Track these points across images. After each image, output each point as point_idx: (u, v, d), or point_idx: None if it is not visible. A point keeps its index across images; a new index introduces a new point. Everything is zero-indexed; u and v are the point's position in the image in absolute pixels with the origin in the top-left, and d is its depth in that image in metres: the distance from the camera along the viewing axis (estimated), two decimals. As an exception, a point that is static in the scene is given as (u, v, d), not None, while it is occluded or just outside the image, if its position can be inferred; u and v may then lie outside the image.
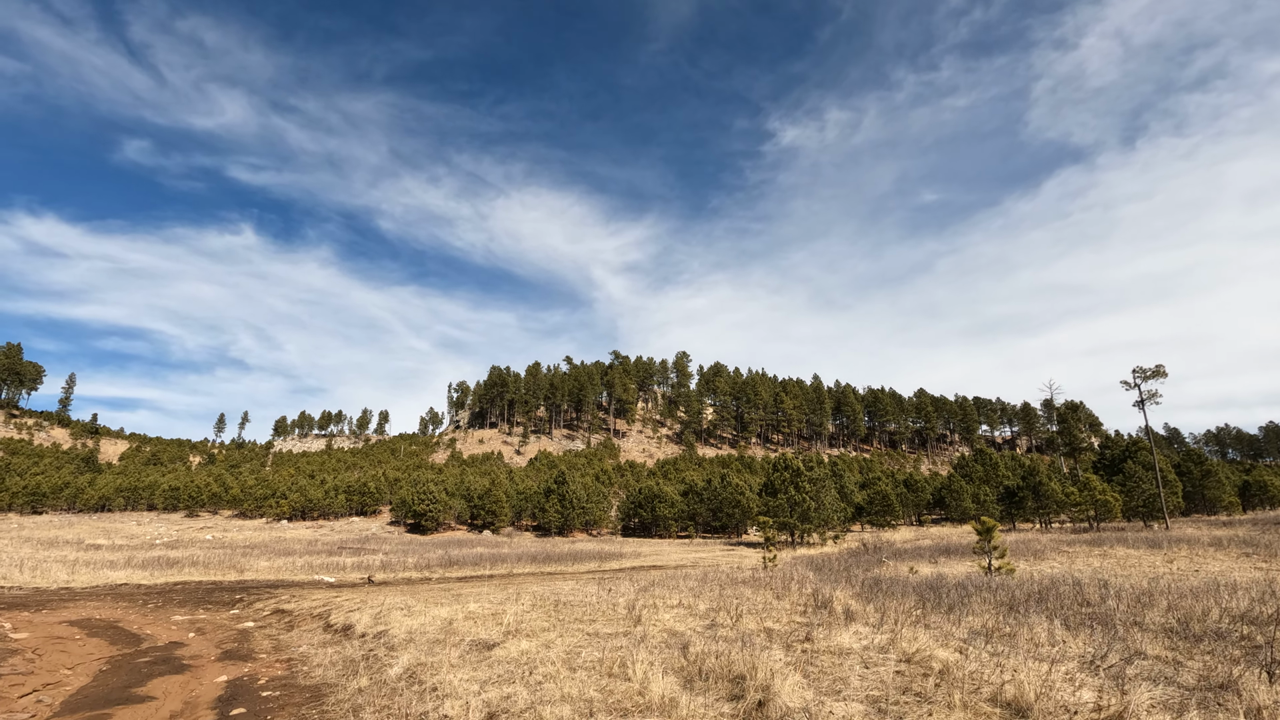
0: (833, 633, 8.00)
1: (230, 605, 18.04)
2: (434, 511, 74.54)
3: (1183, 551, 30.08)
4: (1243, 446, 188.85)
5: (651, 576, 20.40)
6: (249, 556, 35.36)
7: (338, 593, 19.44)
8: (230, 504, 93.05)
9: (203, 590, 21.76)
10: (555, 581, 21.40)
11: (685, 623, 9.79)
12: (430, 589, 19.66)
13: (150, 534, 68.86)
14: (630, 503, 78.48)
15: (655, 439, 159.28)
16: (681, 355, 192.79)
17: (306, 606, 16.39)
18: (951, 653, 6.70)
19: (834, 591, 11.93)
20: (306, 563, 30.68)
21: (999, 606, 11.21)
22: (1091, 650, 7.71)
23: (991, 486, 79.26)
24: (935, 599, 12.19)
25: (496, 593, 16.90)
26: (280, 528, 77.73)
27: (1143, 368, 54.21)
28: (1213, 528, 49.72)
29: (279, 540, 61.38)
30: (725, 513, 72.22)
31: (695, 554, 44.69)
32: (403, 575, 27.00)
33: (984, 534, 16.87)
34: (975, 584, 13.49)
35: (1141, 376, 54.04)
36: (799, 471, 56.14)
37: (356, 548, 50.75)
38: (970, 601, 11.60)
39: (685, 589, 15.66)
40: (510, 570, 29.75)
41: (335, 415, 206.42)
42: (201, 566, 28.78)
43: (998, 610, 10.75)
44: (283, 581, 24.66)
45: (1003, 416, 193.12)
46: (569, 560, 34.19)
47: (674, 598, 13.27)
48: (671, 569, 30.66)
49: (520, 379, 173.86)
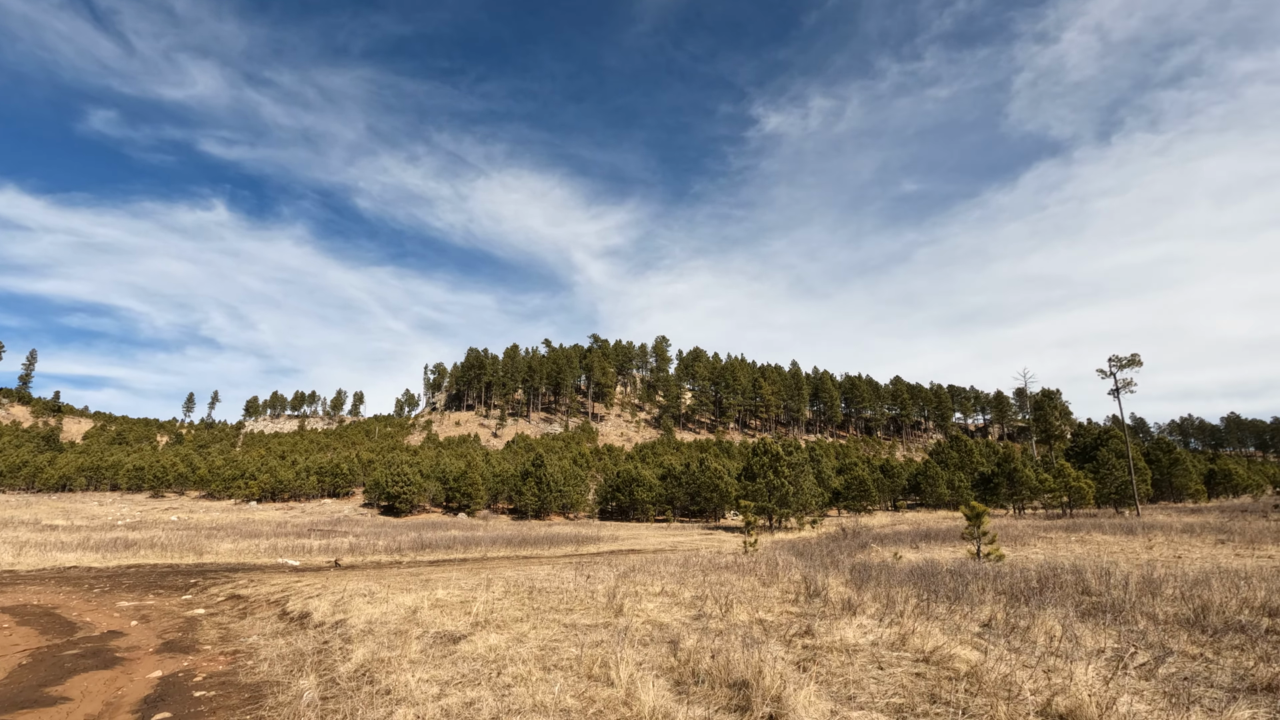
0: (834, 626, 7.29)
1: (183, 590, 16.98)
2: (408, 494, 73.30)
3: (1159, 538, 30.19)
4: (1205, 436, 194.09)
5: (631, 561, 19.70)
6: (212, 538, 34.07)
7: (300, 577, 18.45)
8: (197, 485, 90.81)
9: (157, 574, 20.61)
10: (530, 566, 20.62)
11: (670, 613, 9.04)
12: (398, 573, 18.76)
13: (112, 515, 66.75)
14: (608, 486, 77.92)
15: (634, 423, 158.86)
16: (661, 340, 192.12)
17: (264, 592, 15.40)
18: (970, 650, 6.02)
19: (825, 579, 11.27)
20: (272, 545, 29.53)
21: (1000, 596, 10.63)
22: (1112, 646, 7.10)
23: (966, 473, 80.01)
24: (931, 586, 11.61)
25: (468, 578, 16.06)
26: (249, 509, 75.92)
27: (1119, 356, 54.65)
28: (1181, 514, 50.48)
29: (247, 522, 59.82)
30: (703, 497, 71.98)
31: (673, 538, 44.23)
32: (371, 559, 26.02)
33: (973, 519, 16.39)
34: (971, 572, 12.94)
35: (1118, 365, 54.45)
36: (778, 456, 55.88)
37: (327, 530, 49.51)
38: (969, 590, 11.02)
39: (667, 575, 14.95)
40: (484, 554, 28.90)
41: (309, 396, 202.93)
42: (160, 548, 27.51)
43: (1000, 600, 10.16)
44: (244, 565, 23.55)
45: (976, 405, 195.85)
46: (545, 544, 33.43)
47: (656, 584, 12.54)
48: (650, 553, 30.03)
49: (498, 361, 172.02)
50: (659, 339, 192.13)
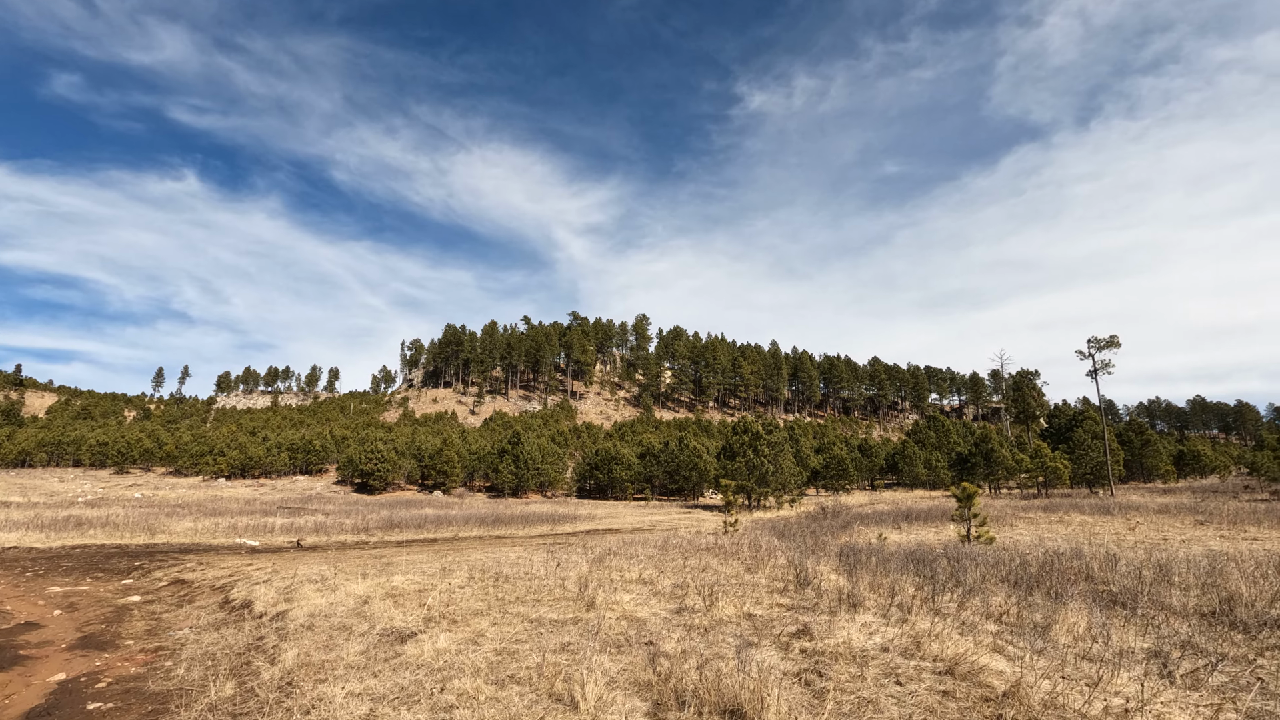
0: (834, 624, 6.42)
1: (125, 573, 15.78)
2: (382, 471, 71.89)
3: (1138, 518, 30.11)
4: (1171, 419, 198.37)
5: (607, 542, 18.85)
6: (173, 517, 32.66)
7: (254, 559, 17.32)
8: (164, 461, 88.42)
9: (102, 555, 19.34)
10: (502, 548, 19.68)
11: (648, 605, 8.13)
12: (361, 556, 17.71)
13: (73, 491, 64.56)
14: (586, 464, 77.16)
15: (613, 401, 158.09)
16: (641, 318, 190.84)
17: (211, 576, 14.29)
18: (998, 659, 5.20)
19: (817, 566, 10.45)
20: (233, 524, 28.25)
21: (1002, 584, 9.89)
22: (1143, 646, 6.33)
23: (943, 453, 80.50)
24: (925, 572, 10.85)
25: (433, 561, 15.08)
26: (217, 486, 74.04)
27: (1097, 338, 54.76)
28: (1154, 495, 51.03)
29: (214, 499, 58.19)
30: (682, 475, 71.54)
31: (652, 516, 43.61)
32: (336, 539, 24.90)
33: (964, 500, 15.73)
34: (968, 556, 12.22)
35: (1096, 346, 54.57)
36: (758, 435, 55.39)
37: (296, 508, 48.14)
38: (968, 577, 10.27)
39: (645, 559, 14.09)
40: (456, 534, 27.91)
41: (282, 371, 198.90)
42: (112, 527, 26.13)
43: (1004, 589, 9.41)
44: (199, 545, 22.33)
45: (952, 386, 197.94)
46: (520, 523, 32.53)
47: (633, 570, 11.65)
48: (628, 533, 29.27)
49: (476, 338, 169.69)
50: (639, 317, 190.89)
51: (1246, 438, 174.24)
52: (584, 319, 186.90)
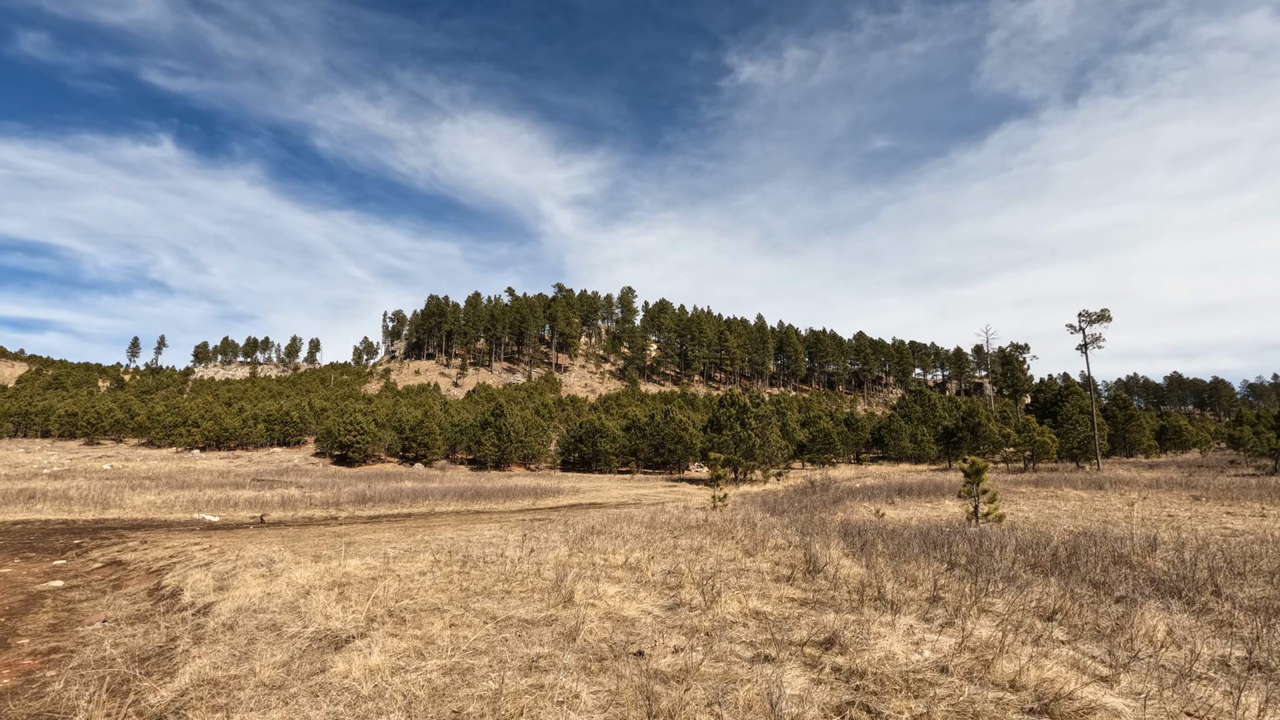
0: (866, 628, 5.24)
1: (60, 553, 14.37)
2: (361, 443, 70.30)
3: (1133, 494, 29.51)
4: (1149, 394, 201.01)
5: (590, 519, 17.68)
6: (135, 490, 31.08)
7: (206, 537, 15.95)
8: (136, 432, 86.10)
9: (42, 532, 17.87)
10: (477, 525, 18.45)
11: (636, 600, 6.91)
12: (322, 534, 16.40)
13: (38, 463, 62.42)
14: (571, 437, 76.05)
15: (598, 374, 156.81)
16: (627, 290, 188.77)
17: (152, 557, 12.94)
18: (1092, 683, 4.04)
19: (826, 550, 9.29)
20: (196, 498, 26.78)
21: (1036, 571, 8.79)
22: (1237, 655, 5.22)
23: (929, 427, 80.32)
24: (942, 555, 9.75)
25: (399, 540, 13.82)
26: (190, 458, 72.10)
27: (1088, 311, 54.09)
28: (1140, 469, 50.88)
29: (185, 471, 56.40)
30: (668, 449, 70.70)
31: (637, 490, 42.65)
32: (304, 514, 23.56)
33: (972, 476, 14.68)
34: (987, 538, 11.13)
35: (1087, 320, 53.92)
36: (745, 408, 54.48)
37: (270, 480, 46.62)
38: (994, 563, 9.17)
39: (631, 538, 12.92)
40: (431, 508, 26.65)
41: (262, 342, 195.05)
42: (64, 501, 24.58)
43: (1042, 578, 8.30)
44: (152, 521, 20.90)
45: (936, 361, 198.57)
46: (500, 497, 31.35)
47: (618, 553, 10.45)
48: (613, 508, 28.20)
49: (460, 309, 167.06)
50: (625, 290, 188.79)
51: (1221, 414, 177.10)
52: (569, 291, 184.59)
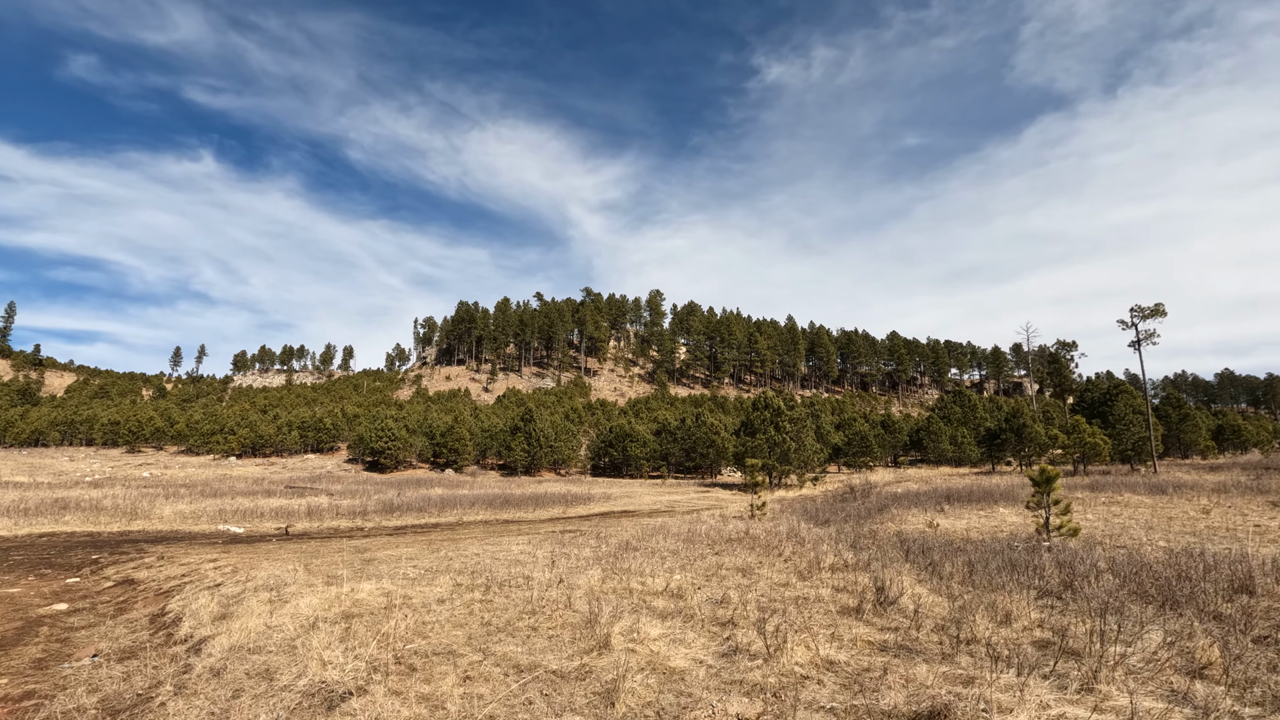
0: (987, 698, 4.14)
1: (76, 569, 13.87)
2: (392, 449, 70.44)
3: (1202, 499, 27.46)
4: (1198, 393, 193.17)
5: (624, 532, 16.68)
6: (169, 499, 31.05)
7: (226, 552, 15.35)
8: (176, 440, 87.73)
9: (65, 546, 17.50)
10: (505, 536, 17.58)
11: (684, 644, 5.89)
12: (343, 548, 15.67)
13: (81, 470, 63.70)
14: (601, 442, 75.25)
15: (627, 378, 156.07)
16: (655, 294, 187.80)
17: (164, 575, 12.31)
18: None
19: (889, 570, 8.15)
20: (224, 507, 26.47)
21: (1142, 600, 7.53)
22: None
23: (969, 428, 77.72)
24: (1028, 580, 8.53)
25: (422, 556, 13.00)
26: (227, 465, 73.05)
27: (1141, 306, 51.46)
28: (1200, 471, 48.11)
29: (221, 478, 56.95)
30: (699, 453, 69.47)
31: (669, 496, 41.56)
32: (329, 524, 22.99)
33: (1042, 484, 13.32)
34: (1070, 556, 9.84)
35: (1140, 315, 51.32)
36: (779, 411, 53.01)
37: (302, 487, 46.65)
38: (1090, 589, 7.93)
39: (668, 554, 11.90)
40: (459, 518, 25.93)
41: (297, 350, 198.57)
42: (94, 511, 24.42)
43: (1148, 607, 7.05)
44: (177, 533, 20.49)
45: (972, 360, 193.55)
46: (530, 505, 30.55)
47: (658, 575, 9.43)
48: (646, 517, 27.18)
49: (489, 315, 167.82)
50: (653, 293, 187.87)
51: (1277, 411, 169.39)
52: (597, 295, 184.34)
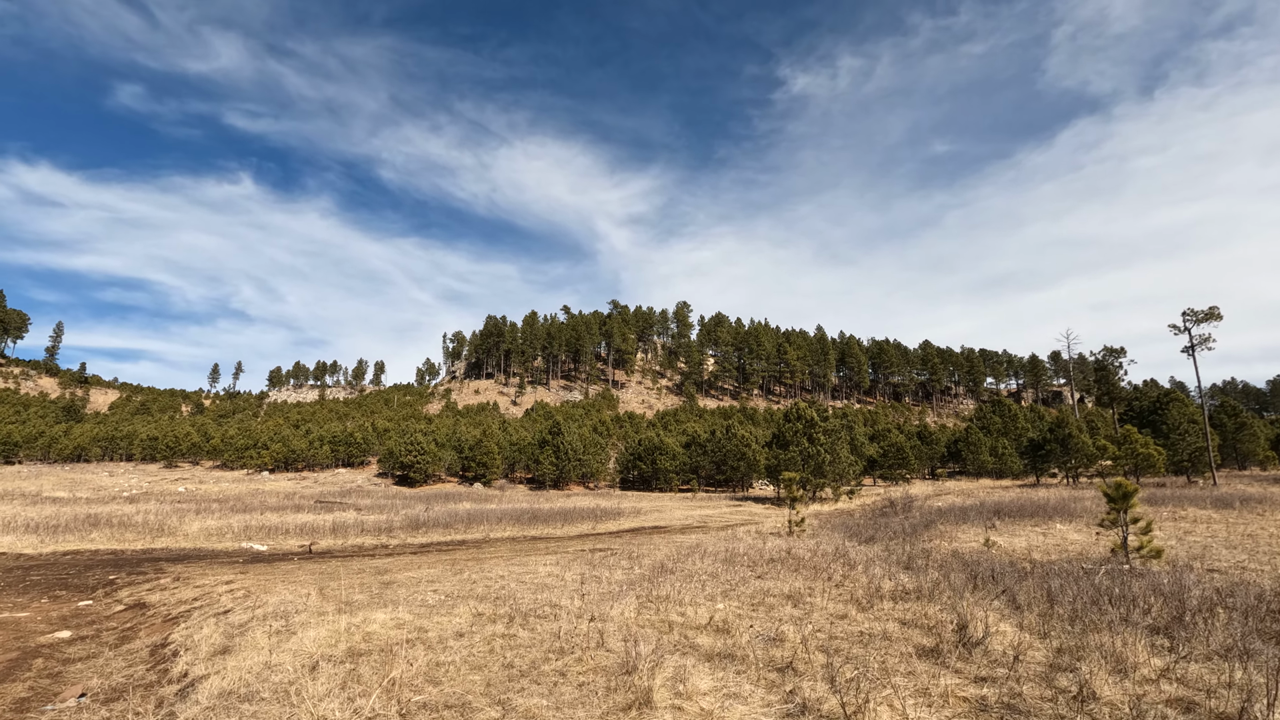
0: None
1: (91, 591, 13.39)
2: (422, 463, 70.38)
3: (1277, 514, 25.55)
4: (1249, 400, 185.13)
5: (657, 551, 15.74)
6: (200, 514, 30.95)
7: (243, 572, 14.77)
8: (211, 454, 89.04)
9: (85, 565, 17.14)
10: (533, 555, 16.76)
11: (741, 698, 4.97)
12: (363, 569, 14.98)
13: (119, 486, 64.72)
14: (629, 454, 74.30)
15: (655, 390, 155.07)
16: (682, 305, 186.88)
17: (176, 599, 11.72)
18: None
19: (975, 608, 7.12)
20: (250, 524, 26.13)
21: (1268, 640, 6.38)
22: None
23: (1010, 439, 75.03)
24: (1122, 611, 7.41)
25: (445, 578, 12.22)
26: (260, 479, 73.72)
27: (1194, 310, 49.03)
28: (1263, 484, 45.35)
29: (253, 493, 57.26)
30: (730, 465, 68.07)
31: (701, 511, 40.41)
32: (354, 541, 22.43)
33: (1119, 500, 12.07)
34: (1187, 587, 8.65)
35: (1193, 319, 48.89)
36: (813, 422, 51.57)
37: (332, 502, 46.53)
38: (1211, 629, 6.79)
39: (708, 577, 10.95)
40: (486, 534, 25.20)
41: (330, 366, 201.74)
42: (120, 529, 24.25)
43: None
44: (199, 551, 20.08)
45: (1009, 369, 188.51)
46: (558, 521, 29.74)
47: (698, 603, 8.50)
48: (678, 533, 26.17)
49: (517, 329, 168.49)
50: (680, 304, 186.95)
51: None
52: (624, 307, 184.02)
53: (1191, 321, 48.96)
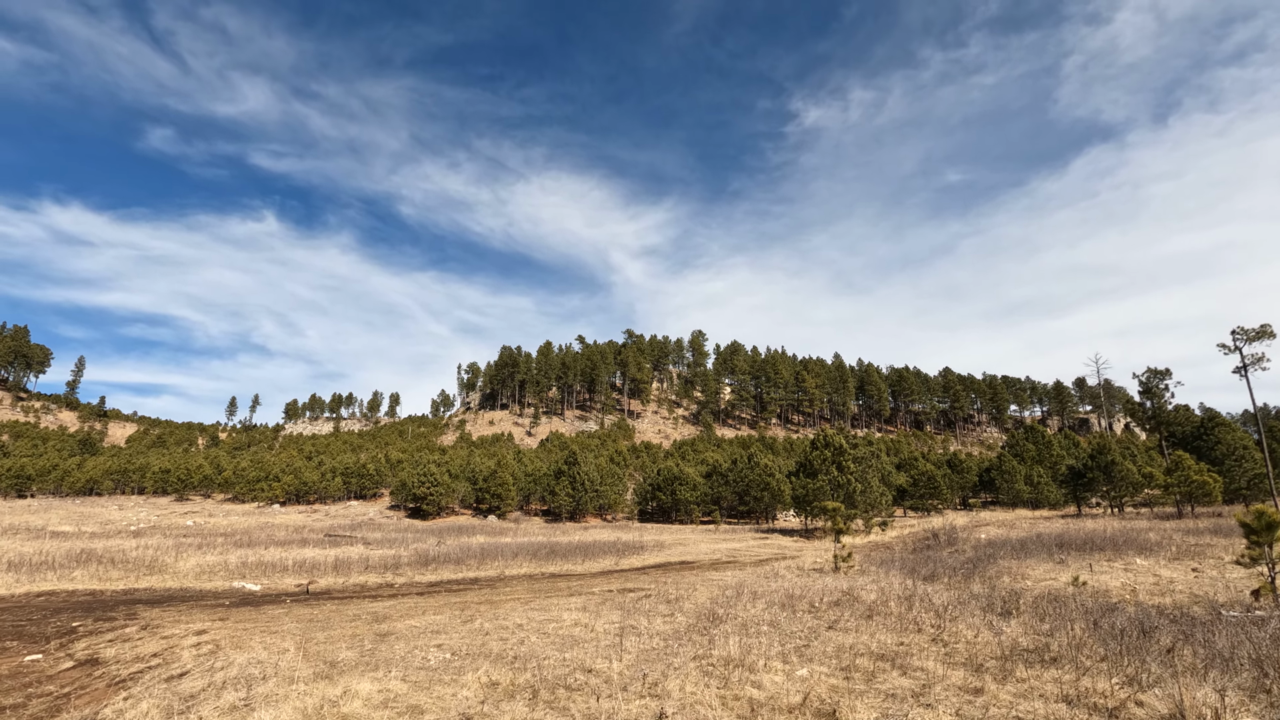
0: None
1: (44, 642, 11.57)
2: (435, 495, 68.44)
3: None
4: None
5: (697, 593, 13.69)
6: (197, 549, 29.26)
7: (225, 618, 12.91)
8: (223, 487, 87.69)
9: (57, 608, 15.37)
10: (554, 598, 14.74)
11: None
12: (360, 615, 13.04)
13: (127, 519, 63.28)
14: (648, 485, 71.93)
15: (671, 420, 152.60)
16: (697, 334, 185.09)
17: (133, 654, 9.88)
18: None
19: (1201, 693, 5.12)
20: (247, 559, 24.32)
21: None
22: None
23: (1045, 467, 71.90)
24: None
25: (452, 628, 10.29)
26: (270, 512, 72.05)
27: (1244, 328, 46.50)
28: (1329, 513, 42.47)
29: (262, 526, 55.53)
30: (753, 496, 65.48)
31: (727, 544, 38.03)
32: (357, 579, 20.50)
33: (1263, 531, 9.97)
34: None
35: (1244, 339, 46.32)
36: (842, 450, 49.19)
37: (341, 536, 44.63)
38: None
39: (769, 628, 8.95)
40: (501, 571, 23.17)
41: (346, 398, 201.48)
42: (107, 566, 22.52)
43: None
44: (185, 592, 18.24)
45: (1033, 396, 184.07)
46: (578, 556, 27.63)
47: (777, 674, 6.54)
48: (708, 568, 23.99)
49: (532, 359, 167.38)
50: (695, 333, 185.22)
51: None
52: (639, 336, 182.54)
53: (1243, 340, 46.38)
